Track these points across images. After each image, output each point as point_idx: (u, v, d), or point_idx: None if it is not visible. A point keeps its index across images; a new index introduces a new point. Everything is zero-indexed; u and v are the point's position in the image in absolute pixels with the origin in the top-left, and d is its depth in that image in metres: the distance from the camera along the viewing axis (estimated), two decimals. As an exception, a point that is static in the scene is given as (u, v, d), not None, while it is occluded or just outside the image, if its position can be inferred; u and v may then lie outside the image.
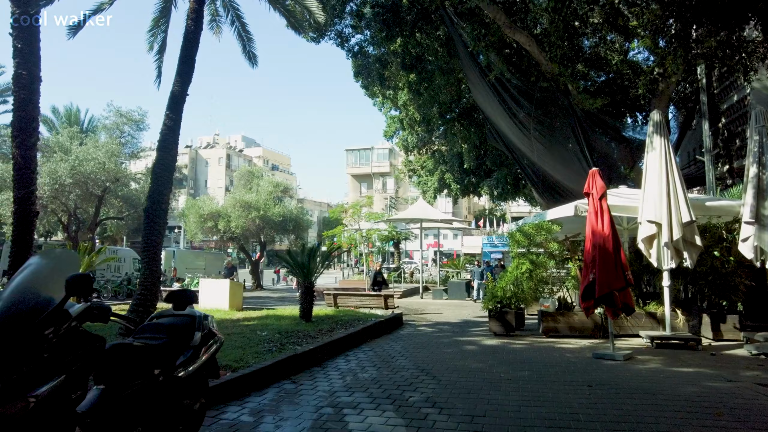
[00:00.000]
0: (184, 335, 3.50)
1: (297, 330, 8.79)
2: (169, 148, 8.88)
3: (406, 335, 9.84)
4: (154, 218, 8.57)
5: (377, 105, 25.68)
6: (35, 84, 9.44)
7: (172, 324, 3.53)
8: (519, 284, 9.67)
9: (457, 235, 56.06)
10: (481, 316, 12.85)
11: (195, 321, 3.64)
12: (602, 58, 14.52)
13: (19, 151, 9.13)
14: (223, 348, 7.07)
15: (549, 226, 9.93)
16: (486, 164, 23.57)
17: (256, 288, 27.21)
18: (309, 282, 10.12)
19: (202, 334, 3.66)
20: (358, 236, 25.88)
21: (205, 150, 73.96)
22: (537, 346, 8.46)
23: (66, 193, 15.67)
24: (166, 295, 4.31)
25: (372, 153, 58.13)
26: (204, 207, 26.17)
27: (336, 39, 18.71)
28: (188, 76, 9.24)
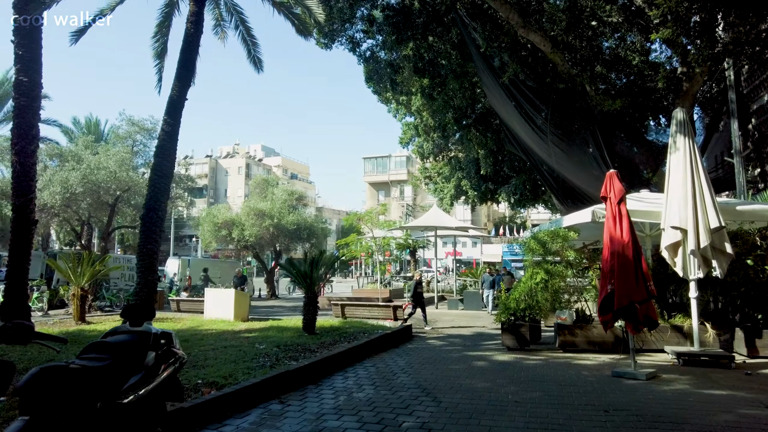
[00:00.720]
0: (135, 355, 3.11)
1: (297, 343, 8.38)
2: (166, 155, 8.62)
3: (413, 349, 9.34)
4: (150, 226, 8.30)
5: (392, 112, 25.33)
6: (36, 90, 9.33)
7: (121, 343, 3.15)
8: (533, 295, 9.09)
9: (476, 243, 55.18)
10: (496, 329, 12.25)
11: (148, 339, 3.25)
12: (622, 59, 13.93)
13: (18, 158, 8.99)
14: (214, 363, 6.71)
15: (565, 233, 9.34)
16: (504, 170, 22.96)
17: (271, 297, 26.95)
18: (312, 292, 9.71)
19: (157, 354, 3.27)
20: (373, 244, 25.43)
21: (225, 159, 74.73)
22: (552, 363, 7.87)
23: (78, 202, 15.64)
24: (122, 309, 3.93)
25: (389, 161, 57.83)
26: (218, 215, 26.09)
27: (347, 44, 18.47)
28: (187, 80, 9.01)
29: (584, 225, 9.28)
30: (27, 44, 9.24)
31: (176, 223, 46.25)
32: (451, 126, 20.72)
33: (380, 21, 16.81)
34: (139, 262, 8.25)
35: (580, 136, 15.34)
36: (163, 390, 3.32)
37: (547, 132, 15.74)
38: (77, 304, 11.32)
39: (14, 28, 9.26)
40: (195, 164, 70.68)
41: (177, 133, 8.86)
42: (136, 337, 3.22)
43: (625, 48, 13.40)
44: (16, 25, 9.27)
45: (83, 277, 11.38)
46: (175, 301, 14.80)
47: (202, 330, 10.21)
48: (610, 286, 6.86)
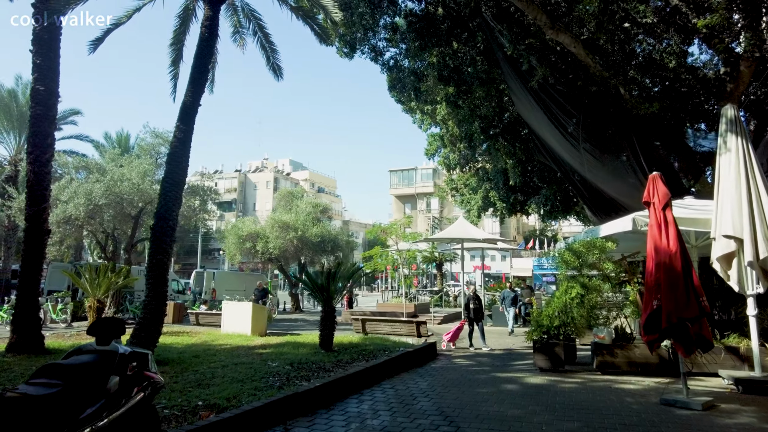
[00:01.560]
0: (94, 380, 2.65)
1: (312, 361, 7.86)
2: (178, 162, 8.33)
3: (437, 369, 8.68)
4: (161, 236, 7.97)
5: (416, 122, 24.90)
6: (52, 99, 9.25)
7: (78, 365, 2.69)
8: (568, 311, 8.34)
9: (505, 257, 53.83)
10: (527, 347, 11.47)
11: (113, 360, 2.78)
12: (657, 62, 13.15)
13: (32, 167, 8.88)
14: (221, 381, 6.24)
15: (603, 244, 8.58)
16: (533, 180, 22.12)
17: (295, 310, 26.60)
18: (329, 306, 9.20)
19: (123, 378, 2.80)
20: (398, 257, 24.83)
21: (253, 174, 75.71)
22: (590, 387, 7.10)
23: (101, 214, 15.65)
24: (89, 325, 3.48)
25: (415, 173, 57.35)
26: (243, 228, 26.03)
27: (370, 53, 18.16)
28: (201, 85, 8.74)
29: (624, 235, 8.52)
30: (44, 53, 9.18)
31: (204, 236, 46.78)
32: (477, 136, 20.10)
33: (403, 29, 16.46)
34: (148, 273, 7.92)
35: (614, 143, 14.53)
36: (133, 420, 2.84)
37: (579, 139, 14.97)
38: (93, 317, 11.11)
39: (33, 37, 9.22)
40: (224, 179, 71.85)
41: (190, 140, 8.58)
42: (98, 359, 2.75)
43: (661, 50, 12.65)
44: (34, 35, 9.23)
45: (100, 288, 11.19)
46: (194, 315, 14.54)
47: (215, 345, 9.82)
48: (656, 302, 6.11)
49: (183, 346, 9.49)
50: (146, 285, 7.88)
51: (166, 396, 5.53)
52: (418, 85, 17.97)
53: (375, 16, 15.92)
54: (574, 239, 10.37)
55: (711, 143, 14.97)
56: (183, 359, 7.91)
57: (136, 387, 2.88)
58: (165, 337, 11.04)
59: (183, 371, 6.97)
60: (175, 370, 7.01)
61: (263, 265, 34.01)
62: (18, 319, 8.44)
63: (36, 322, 8.62)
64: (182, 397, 5.47)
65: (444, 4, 15.35)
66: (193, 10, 10.37)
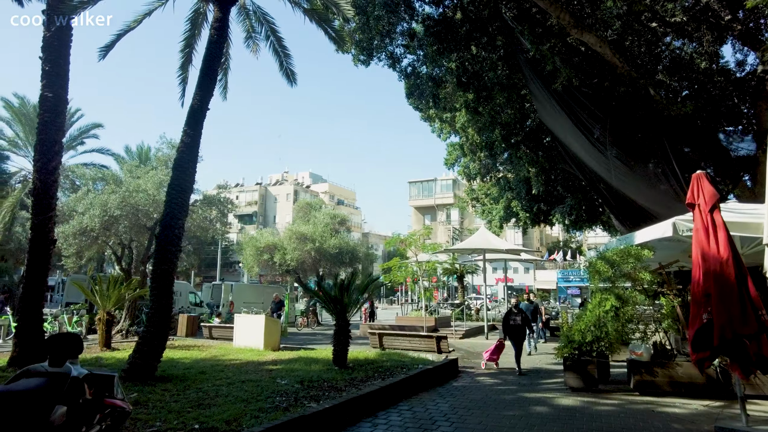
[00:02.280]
0: (36, 410, 2.18)
1: (324, 379, 7.32)
2: (185, 168, 7.98)
3: (459, 388, 8.05)
4: (166, 245, 7.60)
5: (435, 131, 24.41)
6: (61, 106, 9.03)
7: (19, 393, 2.23)
8: (602, 326, 7.64)
9: (529, 269, 52.59)
10: (555, 363, 10.72)
11: (62, 386, 2.31)
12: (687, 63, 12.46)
13: (38, 175, 8.63)
14: (223, 401, 5.75)
15: (638, 252, 7.89)
16: (557, 189, 21.35)
17: (314, 323, 26.13)
18: (343, 320, 8.66)
19: (74, 407, 2.32)
20: (417, 269, 24.20)
21: (274, 187, 76.11)
22: (630, 410, 6.40)
23: (116, 225, 15.49)
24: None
25: (435, 184, 56.75)
26: (261, 239, 25.79)
27: (387, 60, 17.82)
28: (209, 89, 8.42)
29: (661, 242, 7.82)
30: (53, 59, 8.99)
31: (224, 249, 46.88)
32: (498, 144, 19.52)
33: (421, 35, 16.09)
34: (152, 284, 7.54)
35: (644, 148, 13.81)
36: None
37: (606, 144, 14.26)
38: (102, 329, 10.80)
39: (42, 44, 9.06)
40: (245, 192, 72.51)
41: (197, 145, 8.24)
42: (47, 383, 2.28)
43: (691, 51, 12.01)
44: (44, 42, 9.07)
45: (110, 300, 10.90)
46: (207, 328, 14.17)
47: (225, 360, 9.37)
48: (706, 315, 5.43)
49: (191, 361, 9.07)
50: (150, 296, 7.50)
51: (161, 417, 5.07)
52: (437, 91, 17.53)
53: (392, 20, 15.58)
54: (606, 247, 9.67)
55: (749, 146, 14.09)
56: (188, 376, 7.47)
57: (97, 415, 2.41)
58: (174, 351, 10.67)
59: (185, 389, 6.52)
60: (177, 388, 6.56)
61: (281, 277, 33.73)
62: (21, 331, 8.14)
63: (40, 335, 8.29)
64: (178, 419, 5.00)
65: (462, 7, 14.94)
66: (204, 15, 10.13)
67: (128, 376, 6.92)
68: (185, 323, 15.10)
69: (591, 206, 21.27)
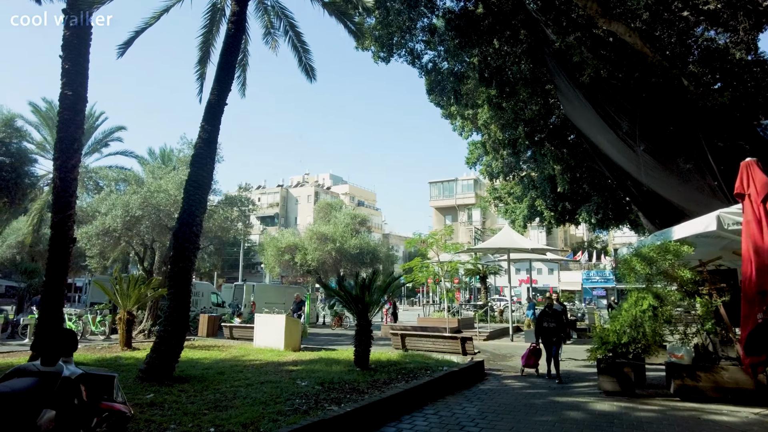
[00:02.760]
0: (22, 414, 1.95)
1: (345, 380, 7.06)
2: (203, 164, 7.82)
3: (486, 392, 7.69)
4: (184, 242, 7.44)
5: (457, 129, 23.99)
6: (80, 104, 8.99)
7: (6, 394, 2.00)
8: (639, 326, 7.19)
9: (553, 270, 51.54)
10: (585, 365, 10.27)
11: (51, 388, 2.07)
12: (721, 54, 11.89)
13: (58, 173, 8.59)
14: (241, 403, 5.52)
15: (677, 248, 7.40)
16: (583, 187, 20.72)
17: (337, 326, 25.96)
18: (365, 320, 8.39)
19: (64, 410, 2.09)
20: (439, 269, 23.80)
21: (295, 188, 76.59)
22: (673, 417, 5.96)
23: (138, 225, 15.54)
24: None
25: (456, 185, 56.14)
26: (282, 240, 25.76)
27: (407, 56, 17.53)
28: (227, 83, 8.26)
29: (702, 237, 7.34)
30: (73, 58, 8.96)
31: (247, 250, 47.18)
32: (522, 141, 19.05)
33: (441, 30, 15.77)
34: (169, 282, 7.39)
35: (676, 142, 13.23)
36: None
37: (635, 138, 13.70)
38: (123, 329, 10.75)
39: (62, 43, 9.04)
40: (267, 194, 73.12)
41: (215, 141, 8.09)
42: (37, 384, 2.05)
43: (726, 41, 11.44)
44: (64, 40, 9.05)
45: (130, 300, 10.85)
46: (228, 328, 14.07)
47: (244, 360, 9.19)
48: (761, 315, 4.99)
49: (210, 362, 8.91)
50: (168, 295, 7.35)
51: (176, 420, 4.86)
52: (458, 87, 17.15)
53: (412, 15, 15.29)
54: (640, 243, 9.18)
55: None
56: (206, 376, 7.29)
57: (94, 419, 2.18)
58: (194, 351, 10.55)
59: (203, 390, 6.32)
60: (195, 389, 6.37)
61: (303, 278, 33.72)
62: (41, 331, 8.08)
63: (59, 335, 8.24)
64: (194, 422, 4.78)
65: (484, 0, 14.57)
66: (222, 10, 10.01)
67: (146, 376, 6.77)
68: (206, 323, 15.05)
69: (618, 205, 20.62)
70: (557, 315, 9.11)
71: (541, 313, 9.34)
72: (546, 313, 9.23)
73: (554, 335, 8.86)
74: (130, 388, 6.28)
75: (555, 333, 8.86)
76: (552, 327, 8.89)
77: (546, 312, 9.25)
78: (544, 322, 9.01)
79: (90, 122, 28.38)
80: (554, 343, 8.84)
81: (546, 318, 9.08)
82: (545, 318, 9.07)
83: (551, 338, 8.86)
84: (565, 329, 9.15)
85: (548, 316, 9.09)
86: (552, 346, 8.85)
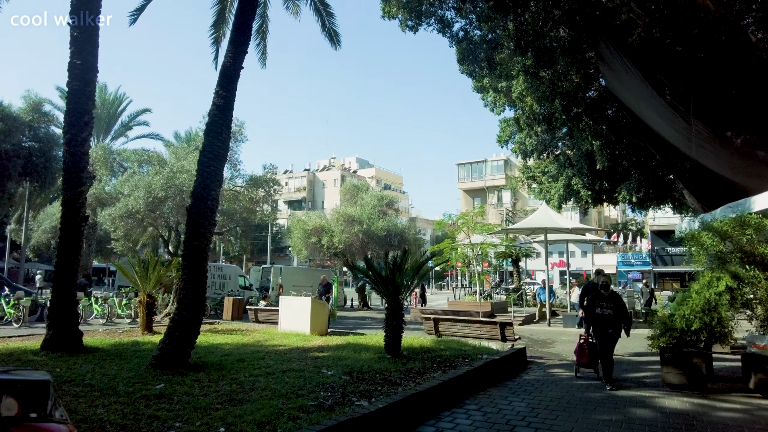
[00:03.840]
0: None
1: (375, 370, 6.36)
2: (218, 132, 7.15)
3: (533, 383, 6.88)
4: (198, 218, 6.81)
5: (488, 105, 22.77)
6: (90, 74, 8.43)
7: None
8: (712, 311, 6.23)
9: (586, 253, 49.82)
10: (638, 354, 9.34)
11: None
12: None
13: (68, 147, 8.10)
14: (258, 398, 4.87)
15: (759, 221, 6.38)
16: (623, 164, 19.41)
17: (362, 307, 25.47)
18: (396, 303, 7.66)
19: None
20: (469, 251, 22.89)
21: (321, 172, 76.37)
22: (761, 418, 5.04)
23: (161, 207, 15.17)
24: None
25: (485, 166, 54.64)
26: (308, 222, 25.25)
27: (436, 25, 16.52)
28: (243, 45, 7.53)
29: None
30: (82, 26, 8.38)
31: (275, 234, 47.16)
32: (559, 115, 17.85)
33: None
34: (183, 261, 6.79)
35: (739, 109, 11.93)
36: None
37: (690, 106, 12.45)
38: (143, 312, 10.33)
39: (70, 9, 8.47)
40: (294, 178, 73.21)
41: (231, 108, 7.39)
42: None
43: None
44: (72, 7, 8.48)
45: (150, 282, 10.41)
46: (253, 311, 13.60)
47: (267, 346, 8.61)
48: None
49: (231, 347, 8.36)
50: (182, 276, 6.75)
51: (184, 416, 4.24)
52: (492, 55, 16.04)
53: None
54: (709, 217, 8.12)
55: None
56: (224, 364, 6.71)
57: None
58: (216, 335, 10.06)
59: (219, 380, 5.72)
60: (211, 378, 5.78)
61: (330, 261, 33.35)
62: (54, 313, 7.67)
63: (73, 317, 7.81)
64: (202, 420, 4.15)
65: (522, -43, 13.41)
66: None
67: (158, 364, 6.22)
68: (231, 306, 14.63)
69: (660, 183, 19.30)
70: (615, 299, 7.06)
71: (594, 296, 7.34)
72: (600, 296, 7.14)
73: (610, 325, 6.91)
74: (141, 377, 5.73)
75: (612, 322, 6.91)
76: (608, 315, 6.94)
77: (600, 295, 7.15)
78: (598, 308, 7.05)
79: (114, 106, 28.36)
80: (609, 336, 6.89)
81: (600, 302, 7.07)
82: (599, 302, 7.08)
83: (605, 329, 6.92)
84: (626, 318, 6.98)
85: (603, 299, 7.06)
86: (606, 339, 6.89)
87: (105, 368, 6.28)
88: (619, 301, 7.05)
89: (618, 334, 6.94)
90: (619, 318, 6.93)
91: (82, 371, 6.03)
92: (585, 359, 7.23)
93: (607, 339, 6.90)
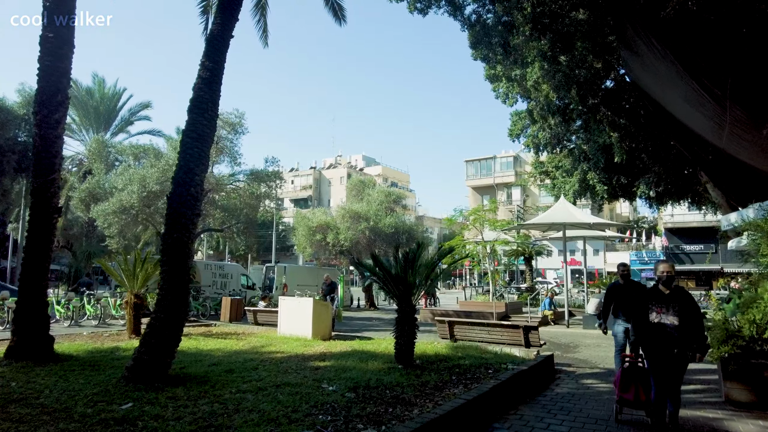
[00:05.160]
0: None
1: (385, 384, 5.40)
2: (203, 109, 6.21)
3: (567, 398, 5.90)
4: (179, 207, 5.89)
5: (500, 96, 21.73)
6: (64, 49, 7.52)
7: None
8: (787, 316, 5.22)
9: (598, 251, 48.54)
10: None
11: None
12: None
13: (38, 130, 7.20)
14: (241, 423, 3.91)
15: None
16: (641, 157, 18.34)
17: (369, 307, 24.56)
18: (407, 304, 6.70)
19: None
20: (480, 249, 21.88)
21: (328, 170, 75.63)
22: None
23: (156, 201, 14.30)
24: None
25: (494, 162, 53.50)
26: (313, 219, 24.33)
27: (447, 7, 15.51)
28: (233, 10, 6.60)
29: None
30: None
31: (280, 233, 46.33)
32: (575, 106, 16.85)
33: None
34: (162, 257, 5.87)
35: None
36: None
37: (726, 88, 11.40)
38: (130, 314, 9.45)
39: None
40: (300, 176, 72.56)
41: (219, 82, 6.44)
42: None
43: None
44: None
45: (137, 281, 9.53)
46: (252, 312, 12.70)
47: (263, 353, 7.67)
48: None
49: (221, 354, 7.44)
50: (160, 273, 5.82)
51: (143, 452, 3.31)
52: (508, 38, 15.03)
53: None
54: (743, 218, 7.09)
55: None
56: (210, 375, 5.78)
57: None
58: (208, 340, 9.15)
59: (200, 397, 4.80)
60: (190, 395, 4.85)
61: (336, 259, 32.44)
62: (20, 317, 6.78)
63: (43, 322, 6.91)
64: (165, 458, 3.21)
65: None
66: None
67: (132, 376, 5.30)
68: (229, 307, 13.75)
69: (680, 177, 18.28)
70: (684, 299, 4.38)
71: (648, 294, 4.54)
72: (658, 294, 4.46)
73: (676, 341, 4.30)
74: (107, 394, 4.82)
75: (678, 339, 4.29)
76: (672, 325, 4.31)
77: (658, 293, 4.46)
78: (653, 312, 4.40)
79: (113, 100, 27.62)
80: (675, 359, 4.32)
81: (658, 304, 4.42)
82: (656, 304, 4.43)
83: (669, 347, 4.31)
84: (700, 330, 4.33)
85: (662, 300, 4.41)
86: (670, 364, 4.34)
87: (69, 381, 5.37)
88: (690, 302, 4.37)
89: (687, 357, 4.32)
90: (689, 331, 4.28)
91: (41, 386, 5.13)
92: (631, 395, 4.69)
93: (671, 364, 4.32)
